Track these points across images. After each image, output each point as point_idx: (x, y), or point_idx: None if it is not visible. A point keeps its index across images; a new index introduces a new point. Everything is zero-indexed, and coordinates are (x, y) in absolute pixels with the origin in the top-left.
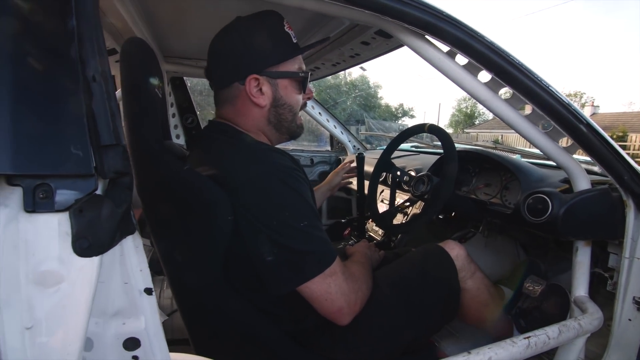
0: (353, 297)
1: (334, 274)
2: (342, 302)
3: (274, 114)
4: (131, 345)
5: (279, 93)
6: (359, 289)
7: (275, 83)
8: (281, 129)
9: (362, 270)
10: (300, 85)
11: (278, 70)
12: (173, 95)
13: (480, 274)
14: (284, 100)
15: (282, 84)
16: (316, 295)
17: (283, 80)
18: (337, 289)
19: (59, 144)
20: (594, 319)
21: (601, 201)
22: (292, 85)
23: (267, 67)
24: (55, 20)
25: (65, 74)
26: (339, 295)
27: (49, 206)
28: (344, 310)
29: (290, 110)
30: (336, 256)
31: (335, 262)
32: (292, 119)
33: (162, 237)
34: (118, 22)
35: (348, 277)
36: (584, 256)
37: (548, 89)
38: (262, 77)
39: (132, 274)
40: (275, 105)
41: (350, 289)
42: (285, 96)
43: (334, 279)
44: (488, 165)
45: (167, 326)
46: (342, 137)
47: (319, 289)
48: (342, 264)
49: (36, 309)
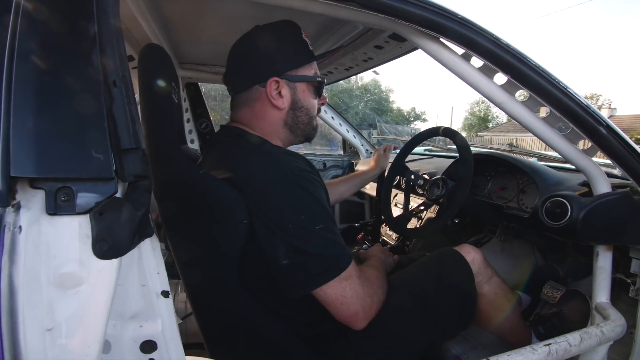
0: (369, 301)
1: (350, 277)
2: (358, 306)
3: (291, 117)
4: (148, 348)
5: (297, 96)
6: (375, 293)
7: (294, 86)
8: (297, 131)
9: (377, 274)
10: (316, 90)
11: (297, 75)
12: (188, 101)
13: (497, 279)
14: (301, 104)
15: (301, 88)
16: (331, 299)
17: (301, 84)
18: (353, 293)
19: (80, 147)
20: (616, 326)
21: (622, 205)
22: (309, 89)
23: (286, 71)
24: (77, 26)
25: (87, 79)
26: (354, 300)
27: (71, 209)
28: (359, 314)
29: (307, 114)
30: (352, 260)
31: (350, 265)
32: (309, 121)
33: (178, 241)
34: (135, 30)
35: (364, 281)
36: (605, 261)
37: (566, 90)
38: (282, 81)
39: (149, 276)
40: (293, 108)
41: (365, 293)
42: (303, 99)
43: (350, 283)
44: (503, 168)
45: (182, 330)
46: (355, 141)
47: (335, 293)
48: (357, 267)
49: (56, 311)
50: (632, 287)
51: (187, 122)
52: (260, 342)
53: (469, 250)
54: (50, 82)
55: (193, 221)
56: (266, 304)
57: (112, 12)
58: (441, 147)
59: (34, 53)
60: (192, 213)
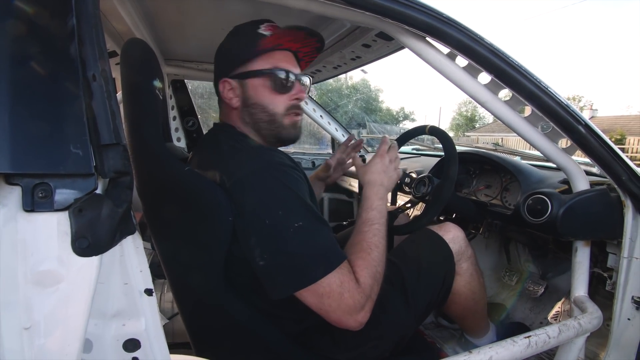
0: (358, 306)
1: (331, 285)
2: (344, 313)
3: (247, 114)
4: (131, 347)
5: (247, 93)
6: (365, 296)
7: (245, 83)
8: (261, 131)
9: (368, 259)
10: (278, 84)
11: (245, 71)
12: (174, 98)
13: (475, 261)
14: (253, 100)
15: (252, 84)
16: (310, 303)
17: (253, 80)
18: (333, 303)
19: (58, 143)
20: (593, 318)
21: (600, 201)
22: (265, 85)
23: (233, 70)
24: (55, 19)
25: (65, 73)
26: (336, 308)
27: (48, 205)
28: (347, 323)
29: (263, 111)
30: (339, 263)
31: (335, 271)
32: (270, 120)
33: (163, 240)
34: (118, 24)
35: (350, 288)
36: (584, 256)
37: (547, 90)
38: (232, 80)
39: (132, 274)
40: (245, 106)
41: (353, 303)
42: (255, 96)
43: (332, 292)
44: (488, 166)
45: (168, 330)
46: (344, 140)
47: (315, 300)
48: (346, 267)
49: (34, 310)
50: (608, 281)
51: (173, 120)
52: (246, 340)
53: (450, 229)
54: (26, 75)
55: (178, 220)
56: (252, 303)
57: (92, 3)
58: (428, 146)
59: (10, 45)
60: (178, 212)
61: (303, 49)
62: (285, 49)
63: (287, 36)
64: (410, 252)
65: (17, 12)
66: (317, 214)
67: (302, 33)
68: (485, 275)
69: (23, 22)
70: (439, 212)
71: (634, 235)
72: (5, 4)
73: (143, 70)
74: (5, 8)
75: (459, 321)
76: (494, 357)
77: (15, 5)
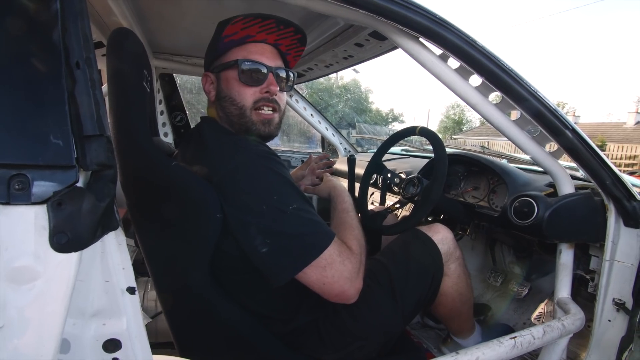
0: (354, 273)
1: (333, 254)
2: (344, 282)
3: (220, 108)
4: (111, 347)
5: (220, 86)
6: (359, 261)
7: (219, 77)
8: (233, 125)
9: (354, 233)
10: (246, 76)
11: (220, 63)
12: (162, 92)
13: (463, 262)
14: (224, 93)
15: (224, 77)
16: (314, 280)
17: (225, 72)
18: (336, 272)
19: (37, 132)
20: (576, 320)
21: (584, 205)
22: (235, 77)
23: (212, 63)
24: (36, 1)
25: (47, 59)
26: (339, 277)
27: (25, 198)
28: (348, 292)
29: (232, 103)
30: (333, 236)
31: (332, 243)
32: (240, 113)
33: (147, 237)
34: (106, 15)
35: (347, 255)
36: (567, 258)
37: (536, 94)
38: (210, 74)
39: (113, 272)
40: (218, 99)
41: (350, 268)
42: (226, 89)
43: (334, 259)
44: (476, 168)
45: (151, 329)
46: (334, 139)
47: (318, 274)
48: (339, 242)
49: (8, 308)
50: (590, 282)
51: (160, 115)
52: (232, 340)
53: (439, 230)
54: (3, 60)
55: (164, 216)
56: (239, 302)
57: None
58: (417, 148)
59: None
60: (163, 208)
61: (282, 41)
62: (259, 41)
63: (254, 25)
64: (399, 253)
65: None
66: (304, 194)
67: (272, 22)
68: (471, 276)
69: (3, 7)
70: (427, 213)
71: (616, 239)
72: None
73: (130, 61)
74: None
75: (445, 322)
76: (480, 357)
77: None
